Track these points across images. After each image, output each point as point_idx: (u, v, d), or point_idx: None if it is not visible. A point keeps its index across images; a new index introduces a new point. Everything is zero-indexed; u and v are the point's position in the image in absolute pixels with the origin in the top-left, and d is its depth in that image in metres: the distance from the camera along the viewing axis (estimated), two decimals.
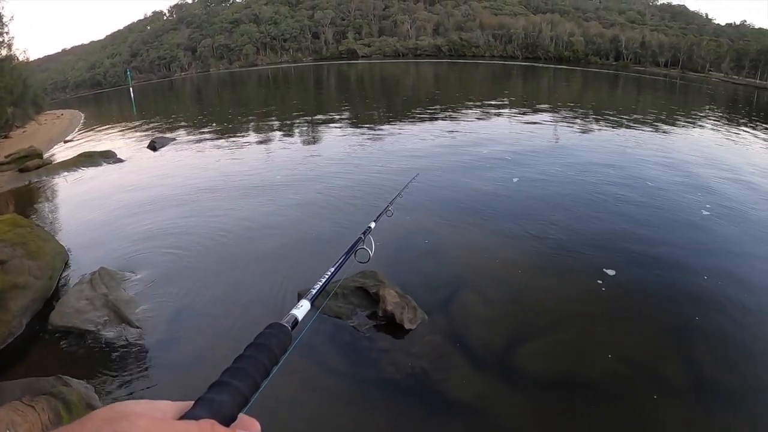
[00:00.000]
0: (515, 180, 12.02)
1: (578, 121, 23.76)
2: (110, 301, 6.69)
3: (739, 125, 25.03)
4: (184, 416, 0.58)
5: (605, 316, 6.53)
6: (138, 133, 25.17)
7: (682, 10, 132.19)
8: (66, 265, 8.56)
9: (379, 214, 2.55)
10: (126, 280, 7.54)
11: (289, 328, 0.81)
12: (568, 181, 12.19)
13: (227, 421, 0.59)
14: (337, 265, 1.36)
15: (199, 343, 6.02)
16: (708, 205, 10.53)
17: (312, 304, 0.99)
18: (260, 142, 19.49)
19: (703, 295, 6.94)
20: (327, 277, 1.21)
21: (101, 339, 6.11)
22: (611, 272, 7.47)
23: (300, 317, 0.90)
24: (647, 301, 6.80)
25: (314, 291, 1.07)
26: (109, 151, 18.55)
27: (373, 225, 2.04)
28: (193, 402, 0.60)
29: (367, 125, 22.44)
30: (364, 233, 1.79)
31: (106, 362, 5.69)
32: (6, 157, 18.89)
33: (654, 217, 9.94)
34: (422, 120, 23.09)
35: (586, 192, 11.38)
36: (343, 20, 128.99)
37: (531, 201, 10.78)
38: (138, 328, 6.28)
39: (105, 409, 0.54)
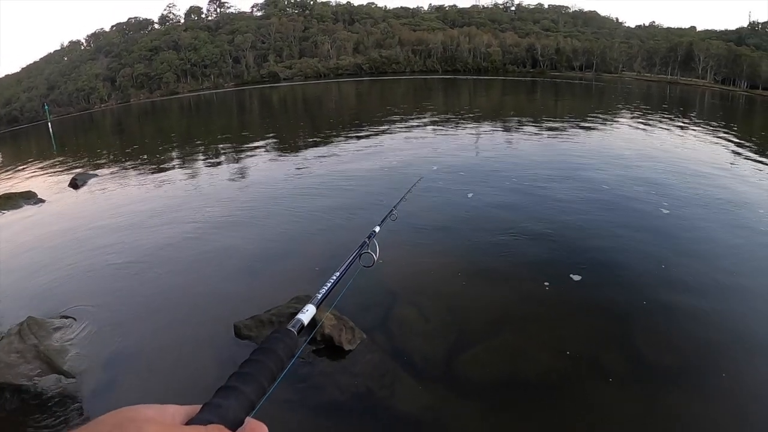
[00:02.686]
0: (470, 195, 12.12)
1: (500, 129, 24.84)
2: (41, 352, 6.33)
3: (664, 119, 27.57)
4: (192, 421, 0.58)
5: (544, 315, 6.80)
6: (59, 171, 24.66)
7: (593, 16, 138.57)
8: None
9: (384, 218, 2.58)
10: (56, 328, 7.17)
11: (296, 332, 0.86)
12: (499, 188, 12.65)
13: (234, 425, 0.60)
14: (343, 269, 1.39)
15: (137, 386, 5.89)
16: (664, 202, 11.19)
17: (317, 308, 1.06)
18: (186, 174, 19.26)
19: (649, 282, 7.42)
20: (332, 281, 1.27)
21: (37, 392, 5.84)
22: (551, 272, 7.83)
23: (306, 321, 0.96)
24: (586, 295, 7.18)
25: (320, 296, 1.15)
26: (30, 191, 18.01)
27: (377, 229, 2.06)
28: (200, 407, 0.61)
29: (292, 149, 22.83)
30: (369, 237, 1.83)
31: (44, 416, 5.46)
32: None
33: (603, 210, 10.70)
34: (347, 138, 23.58)
35: (518, 195, 11.94)
36: (264, 43, 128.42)
37: (455, 211, 11.20)
38: (73, 377, 6.04)
39: (113, 413, 0.53)
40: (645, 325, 6.38)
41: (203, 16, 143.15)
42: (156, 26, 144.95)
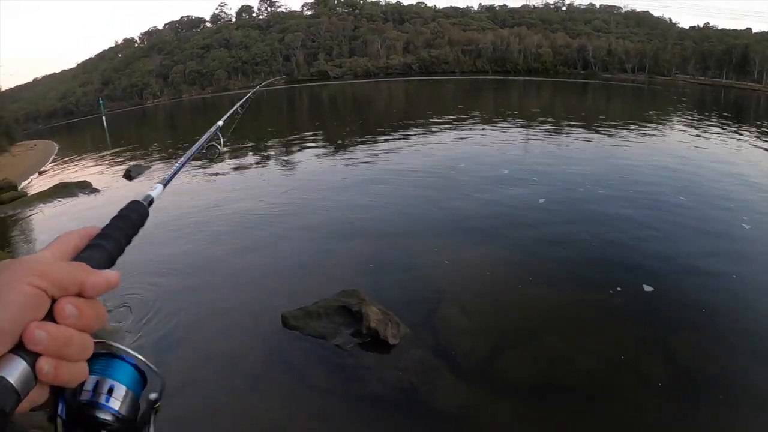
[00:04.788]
0: (541, 201, 11.68)
1: (551, 131, 24.21)
2: (95, 334, 6.62)
3: (725, 125, 26.05)
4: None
5: (586, 320, 6.72)
6: (113, 162, 25.04)
7: (646, 17, 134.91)
8: None
9: (228, 115, 2.60)
10: (110, 311, 7.41)
11: (146, 205, 0.94)
12: (570, 196, 12.19)
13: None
14: (189, 156, 1.47)
15: (185, 368, 6.06)
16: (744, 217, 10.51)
17: (164, 188, 1.15)
18: (237, 168, 19.50)
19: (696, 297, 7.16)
20: (179, 164, 1.36)
21: None
22: (596, 276, 7.78)
23: (155, 197, 1.04)
24: (619, 300, 7.01)
25: (167, 177, 1.23)
26: (85, 181, 18.44)
27: (220, 123, 2.11)
28: None
29: (342, 147, 22.82)
30: (213, 131, 1.88)
31: None
32: None
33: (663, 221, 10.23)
34: (395, 138, 23.27)
35: (592, 203, 11.53)
36: (314, 42, 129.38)
37: (503, 214, 10.96)
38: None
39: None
40: (688, 337, 6.18)
41: (254, 14, 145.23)
42: (208, 25, 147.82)
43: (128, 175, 19.56)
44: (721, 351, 5.88)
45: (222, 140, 1.89)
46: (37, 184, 21.89)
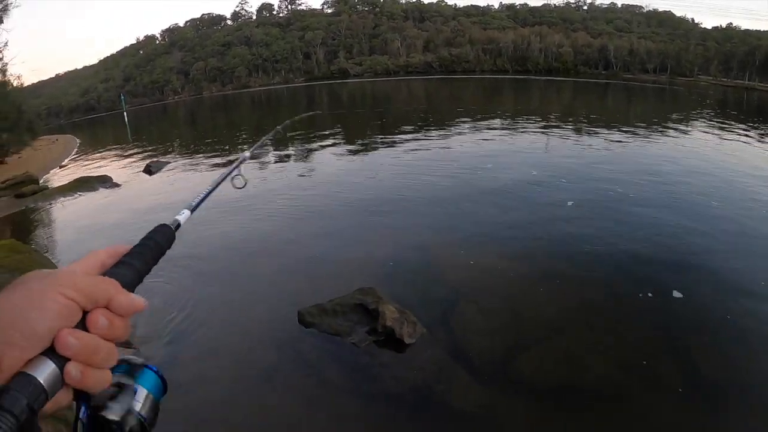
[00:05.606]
0: (570, 204, 11.32)
1: (577, 132, 23.91)
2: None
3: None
4: None
5: (602, 322, 6.59)
6: (133, 158, 25.23)
7: (668, 17, 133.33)
8: None
9: (254, 146, 2.59)
10: None
11: (173, 229, 0.96)
12: (600, 198, 11.89)
13: (127, 289, 0.71)
14: (216, 184, 1.48)
15: (199, 360, 6.10)
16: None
17: (191, 213, 1.12)
18: (256, 166, 19.26)
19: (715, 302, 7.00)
20: (206, 192, 1.34)
21: None
22: (612, 279, 7.61)
23: (182, 221, 1.02)
24: (641, 305, 6.84)
25: (194, 203, 1.20)
26: (106, 175, 18.61)
27: (247, 154, 2.09)
28: None
29: (362, 144, 22.84)
30: (240, 162, 1.85)
31: None
32: (2, 183, 19.07)
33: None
34: (416, 138, 23.04)
35: (600, 204, 11.36)
36: (334, 40, 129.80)
37: (530, 215, 10.80)
38: (136, 348, 6.25)
39: (26, 274, 0.63)
40: (730, 354, 5.92)
41: (275, 12, 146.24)
42: (228, 22, 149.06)
43: (148, 171, 19.67)
44: (747, 364, 5.70)
45: (242, 172, 1.81)
46: (58, 178, 22.15)
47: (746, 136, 22.38)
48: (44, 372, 0.55)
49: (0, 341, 0.54)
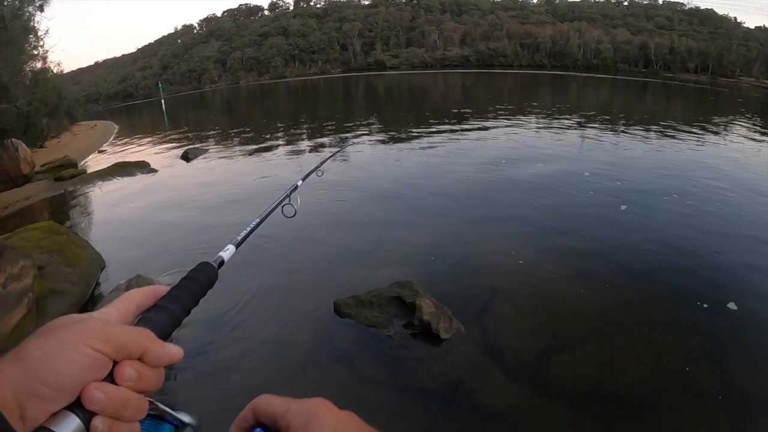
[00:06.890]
0: (623, 208, 10.92)
1: (629, 133, 22.93)
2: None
3: None
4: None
5: (640, 327, 6.42)
6: (171, 144, 25.43)
7: (710, 15, 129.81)
8: (102, 272, 8.68)
9: (308, 174, 2.62)
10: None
11: (216, 267, 0.94)
12: (656, 206, 11.28)
13: (163, 337, 0.69)
14: (263, 216, 1.48)
15: (233, 350, 6.13)
16: None
17: (236, 248, 1.11)
18: (293, 154, 19.65)
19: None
20: (252, 226, 1.34)
21: None
22: (648, 283, 7.44)
23: (226, 258, 1.02)
24: (684, 312, 6.67)
25: (239, 238, 1.19)
26: (143, 161, 18.77)
27: (300, 183, 2.12)
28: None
29: (401, 136, 22.54)
30: (291, 190, 1.89)
31: None
32: (42, 166, 19.45)
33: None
34: (455, 131, 22.73)
35: (657, 210, 10.86)
36: (371, 32, 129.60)
37: (580, 217, 10.42)
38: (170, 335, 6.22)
39: (58, 319, 0.61)
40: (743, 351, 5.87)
41: (312, 3, 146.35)
42: (266, 12, 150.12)
43: (186, 157, 19.76)
44: None
45: (299, 200, 1.93)
46: (96, 163, 22.45)
47: None
48: (68, 428, 0.54)
49: (25, 392, 0.53)
